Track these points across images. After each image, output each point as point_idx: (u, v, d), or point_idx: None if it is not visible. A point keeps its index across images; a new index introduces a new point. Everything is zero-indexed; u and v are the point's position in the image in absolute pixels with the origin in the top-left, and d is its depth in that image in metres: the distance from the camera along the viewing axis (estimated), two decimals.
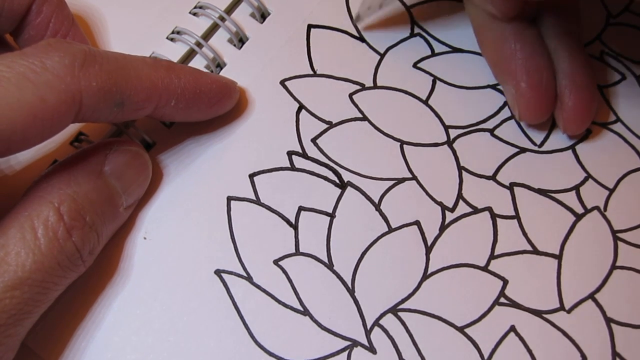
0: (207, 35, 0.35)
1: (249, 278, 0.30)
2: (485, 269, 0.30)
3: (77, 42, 0.30)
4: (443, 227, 0.31)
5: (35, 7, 0.29)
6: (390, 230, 0.31)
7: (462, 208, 0.32)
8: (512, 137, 0.33)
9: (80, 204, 0.26)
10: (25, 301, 0.24)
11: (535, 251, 0.31)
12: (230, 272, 0.30)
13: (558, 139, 0.33)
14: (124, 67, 0.27)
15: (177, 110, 0.29)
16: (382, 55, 0.35)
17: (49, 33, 0.30)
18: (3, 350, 0.24)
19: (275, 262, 0.30)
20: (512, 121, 0.34)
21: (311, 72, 0.34)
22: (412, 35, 0.35)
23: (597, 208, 0.32)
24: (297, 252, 0.31)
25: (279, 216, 0.31)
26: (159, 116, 0.30)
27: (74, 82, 0.24)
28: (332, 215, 0.31)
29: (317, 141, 0.33)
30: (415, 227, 0.31)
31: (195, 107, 0.30)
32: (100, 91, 0.25)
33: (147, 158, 0.30)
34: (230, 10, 0.35)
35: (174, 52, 0.34)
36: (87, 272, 0.28)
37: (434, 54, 0.35)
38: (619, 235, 0.31)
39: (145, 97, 0.27)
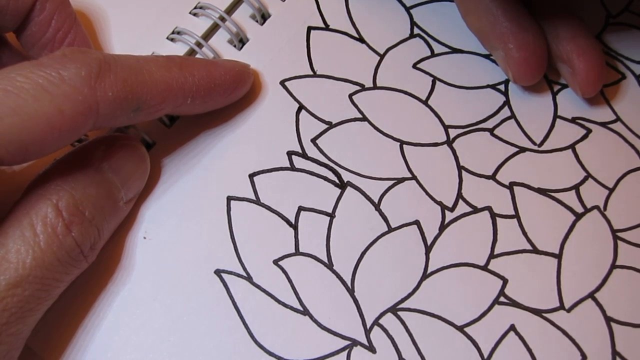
0: (207, 35, 0.35)
1: (248, 278, 0.30)
2: (485, 268, 0.30)
3: (80, 40, 0.30)
4: (443, 227, 0.31)
5: (38, 5, 0.29)
6: (390, 230, 0.31)
7: (462, 208, 0.32)
8: (512, 136, 0.33)
9: (79, 199, 0.26)
10: (26, 299, 0.24)
11: (535, 250, 0.31)
12: (230, 272, 0.30)
13: (558, 138, 0.33)
14: (138, 73, 0.27)
15: (194, 106, 0.30)
16: (382, 56, 0.35)
17: (51, 30, 0.30)
18: (6, 349, 0.24)
19: (275, 262, 0.30)
20: (512, 121, 0.34)
21: (311, 73, 0.34)
22: (412, 36, 0.36)
23: (597, 207, 0.32)
24: (297, 252, 0.31)
25: (279, 216, 0.31)
26: (176, 113, 0.30)
27: (90, 93, 0.25)
28: (331, 215, 0.31)
29: (317, 141, 0.33)
30: (415, 226, 0.31)
31: (211, 100, 0.31)
32: (117, 100, 0.26)
33: (144, 151, 0.30)
34: (230, 10, 0.35)
35: (174, 53, 0.34)
36: (87, 272, 0.28)
37: (433, 54, 0.35)
38: (619, 234, 0.31)
39: (161, 100, 0.28)
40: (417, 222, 0.31)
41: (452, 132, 0.33)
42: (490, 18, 0.32)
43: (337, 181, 0.32)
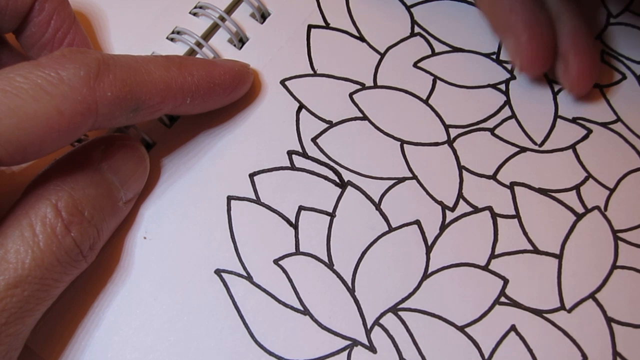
0: (207, 35, 0.35)
1: (249, 277, 0.30)
2: (485, 268, 0.30)
3: (79, 40, 0.30)
4: (443, 227, 0.31)
5: (37, 5, 0.29)
6: (391, 229, 0.31)
7: (463, 207, 0.32)
8: (513, 136, 0.33)
9: (78, 200, 0.26)
10: (26, 299, 0.24)
11: (535, 250, 0.31)
12: (231, 272, 0.30)
13: (558, 139, 0.33)
14: (137, 72, 0.27)
15: (193, 106, 0.30)
16: (383, 55, 0.35)
17: (50, 30, 0.30)
18: (5, 349, 0.24)
19: (276, 261, 0.30)
20: (513, 120, 0.34)
21: (311, 72, 0.34)
22: (412, 34, 0.35)
23: (597, 208, 0.32)
24: (297, 252, 0.31)
25: (279, 216, 0.31)
26: (175, 113, 0.30)
27: (89, 93, 0.25)
28: (332, 215, 0.31)
29: (318, 140, 0.33)
30: (416, 226, 0.31)
31: (211, 100, 0.30)
32: (116, 100, 0.26)
33: (143, 151, 0.30)
34: (230, 10, 0.35)
35: (174, 52, 0.34)
36: (87, 272, 0.28)
37: (434, 53, 0.35)
38: (620, 235, 0.31)
39: (160, 100, 0.28)
40: (417, 222, 0.31)
41: (453, 132, 0.33)
42: (506, 6, 0.33)
43: (337, 180, 0.32)
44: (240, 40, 0.35)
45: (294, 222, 0.31)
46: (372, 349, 0.29)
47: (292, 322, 0.29)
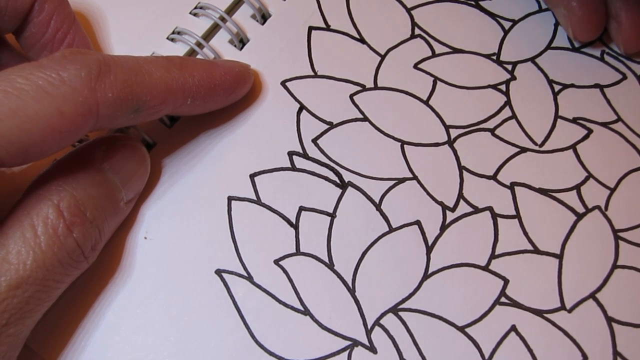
0: (208, 35, 0.35)
1: (249, 278, 0.30)
2: (486, 268, 0.30)
3: (79, 40, 0.30)
4: (444, 227, 0.31)
5: (37, 5, 0.29)
6: (391, 230, 0.31)
7: (463, 208, 0.32)
8: (513, 136, 0.33)
9: (80, 200, 0.26)
10: (27, 300, 0.24)
11: (536, 250, 0.31)
12: (231, 272, 0.30)
13: (559, 139, 0.33)
14: (138, 73, 0.27)
15: (194, 106, 0.30)
16: (383, 57, 0.35)
17: (50, 30, 0.30)
18: (5, 349, 0.24)
19: (276, 261, 0.30)
20: (513, 121, 0.34)
21: (312, 73, 0.34)
22: (413, 36, 0.36)
23: (598, 207, 0.32)
24: (298, 252, 0.31)
25: (280, 216, 0.31)
26: (176, 113, 0.30)
27: (90, 94, 0.25)
28: (332, 215, 0.31)
29: (318, 141, 0.33)
30: (416, 226, 0.31)
31: (212, 100, 0.30)
32: (117, 101, 0.26)
33: (144, 151, 0.30)
34: (231, 10, 0.35)
35: (174, 53, 0.34)
36: (87, 272, 0.28)
37: (434, 54, 0.35)
38: (620, 234, 0.31)
39: (161, 101, 0.28)
40: (418, 222, 0.31)
41: (453, 132, 0.33)
42: None
43: (338, 181, 0.32)
44: (240, 41, 0.35)
45: (294, 222, 0.31)
46: (372, 349, 0.29)
47: (293, 323, 0.29)
